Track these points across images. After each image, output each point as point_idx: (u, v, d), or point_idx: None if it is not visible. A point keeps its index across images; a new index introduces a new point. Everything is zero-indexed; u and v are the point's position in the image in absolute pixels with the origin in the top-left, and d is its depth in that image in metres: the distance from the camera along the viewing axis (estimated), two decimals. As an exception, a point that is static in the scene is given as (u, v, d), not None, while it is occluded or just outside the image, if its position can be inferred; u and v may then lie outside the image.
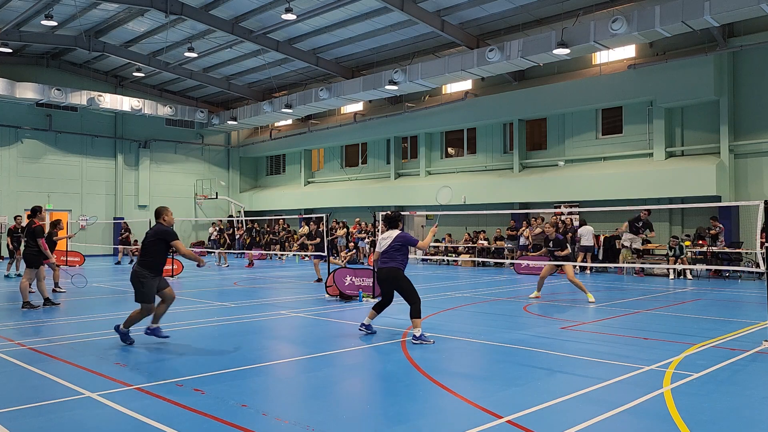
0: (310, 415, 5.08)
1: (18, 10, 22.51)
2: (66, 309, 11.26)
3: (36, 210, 11.90)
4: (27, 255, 11.59)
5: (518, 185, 23.99)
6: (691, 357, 7.10)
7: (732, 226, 19.35)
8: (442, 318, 10.28)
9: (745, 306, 11.86)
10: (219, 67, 29.99)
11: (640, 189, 20.52)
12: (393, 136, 29.46)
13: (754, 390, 5.74)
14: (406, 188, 27.90)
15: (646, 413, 5.06)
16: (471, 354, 7.60)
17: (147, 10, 22.95)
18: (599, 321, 9.97)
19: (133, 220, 31.68)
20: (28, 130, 29.76)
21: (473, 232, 25.01)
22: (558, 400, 5.36)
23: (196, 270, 21.66)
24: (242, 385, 5.92)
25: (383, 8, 21.51)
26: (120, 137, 32.70)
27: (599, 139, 23.14)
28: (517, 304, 12.11)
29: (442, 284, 16.49)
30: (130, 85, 32.74)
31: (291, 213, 33.02)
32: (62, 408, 5.18)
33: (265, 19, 23.71)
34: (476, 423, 4.75)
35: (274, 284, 16.93)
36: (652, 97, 21.08)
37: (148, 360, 6.96)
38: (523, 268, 20.06)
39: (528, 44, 20.20)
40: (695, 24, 17.14)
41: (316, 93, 27.34)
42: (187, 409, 5.11)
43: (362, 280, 13.00)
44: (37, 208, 11.96)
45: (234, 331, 9.16)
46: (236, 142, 37.49)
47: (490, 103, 25.42)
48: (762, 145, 19.34)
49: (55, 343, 8.02)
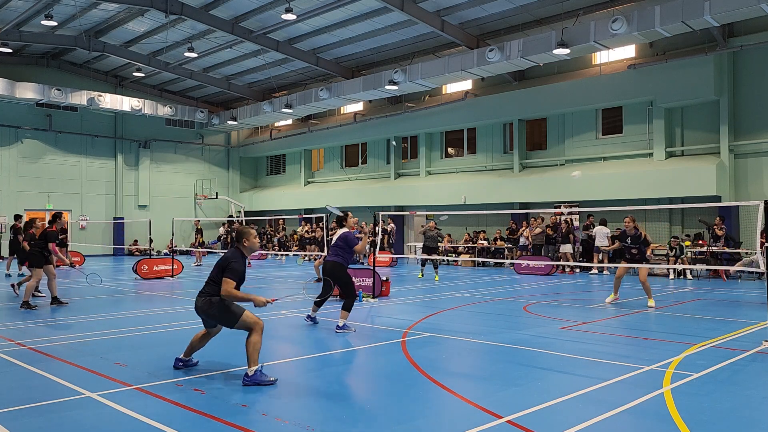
0: (310, 415, 5.07)
1: (18, 10, 22.51)
2: (66, 309, 11.26)
3: (56, 216, 12.32)
4: (30, 255, 11.75)
5: (518, 185, 23.99)
6: (691, 357, 7.10)
7: (732, 226, 19.34)
8: (442, 318, 10.28)
9: (745, 306, 11.85)
10: (219, 67, 29.99)
11: (640, 189, 20.51)
12: (393, 136, 29.46)
13: (754, 390, 5.74)
14: (406, 188, 27.90)
15: (646, 413, 5.06)
16: (471, 354, 7.60)
17: (147, 10, 22.95)
18: (599, 321, 9.96)
19: (132, 220, 31.72)
20: (28, 130, 29.77)
21: (473, 232, 25.01)
22: (558, 400, 5.36)
23: (196, 270, 21.69)
24: (242, 385, 5.92)
25: (383, 8, 21.51)
26: (120, 137, 32.70)
27: (599, 139, 23.14)
28: (517, 304, 12.11)
29: (441, 284, 16.49)
30: (130, 85, 32.75)
31: (291, 213, 33.02)
32: (62, 408, 5.17)
33: (265, 19, 23.71)
34: (476, 423, 4.74)
35: (274, 284, 16.92)
36: (652, 97, 21.08)
37: (148, 360, 6.96)
38: (523, 268, 20.05)
39: (528, 44, 20.20)
40: (695, 24, 17.14)
41: (316, 93, 27.34)
42: (187, 409, 5.11)
43: (362, 280, 13.00)
44: (57, 214, 12.46)
45: (234, 330, 9.13)
46: (236, 142, 37.50)
47: (490, 103, 25.43)
48: (762, 145, 19.34)
49: (55, 343, 8.01)
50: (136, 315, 10.68)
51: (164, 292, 14.46)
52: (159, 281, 16.98)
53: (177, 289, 15.04)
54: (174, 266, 18.32)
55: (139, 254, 30.25)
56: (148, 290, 14.77)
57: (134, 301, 13.04)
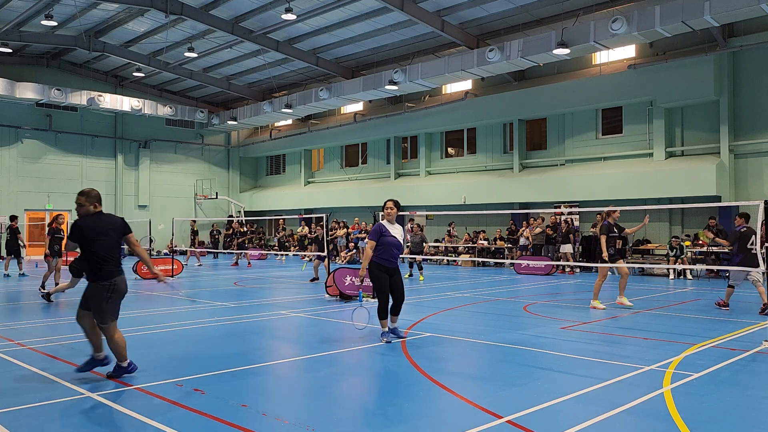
0: (310, 415, 5.07)
1: (18, 10, 22.51)
2: (66, 309, 11.26)
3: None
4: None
5: (518, 185, 23.99)
6: (691, 357, 7.10)
7: (732, 226, 19.31)
8: (442, 318, 10.27)
9: (745, 306, 11.85)
10: (219, 67, 29.99)
11: (640, 189, 20.51)
12: (393, 136, 29.46)
13: (754, 390, 5.74)
14: (406, 188, 27.89)
15: (646, 413, 5.06)
16: (471, 354, 7.60)
17: (147, 10, 22.96)
18: (599, 321, 9.96)
19: (132, 220, 31.66)
20: (28, 130, 29.77)
21: (473, 232, 25.01)
22: (558, 400, 5.35)
23: (195, 270, 21.69)
24: (242, 385, 5.92)
25: (383, 8, 21.52)
26: (120, 137, 32.70)
27: (599, 139, 23.14)
28: (517, 304, 12.11)
29: (442, 284, 16.49)
30: (130, 85, 32.75)
31: (291, 213, 33.02)
32: (62, 408, 5.18)
33: (265, 19, 23.72)
34: (476, 423, 4.74)
35: (274, 284, 16.93)
36: (652, 97, 21.08)
37: (148, 360, 6.95)
38: (523, 268, 20.05)
39: (528, 44, 20.20)
40: (695, 24, 17.14)
41: (316, 93, 27.34)
42: (187, 409, 5.11)
43: (362, 280, 12.97)
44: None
45: (234, 331, 9.16)
46: (236, 142, 37.50)
47: (490, 103, 25.42)
48: (762, 145, 19.34)
49: (55, 343, 8.01)
50: (136, 315, 10.69)
51: (164, 292, 14.45)
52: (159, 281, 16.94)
53: (177, 289, 15.04)
54: (174, 266, 18.32)
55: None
56: (148, 290, 14.77)
57: (134, 301, 13.03)
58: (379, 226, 8.21)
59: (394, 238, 8.05)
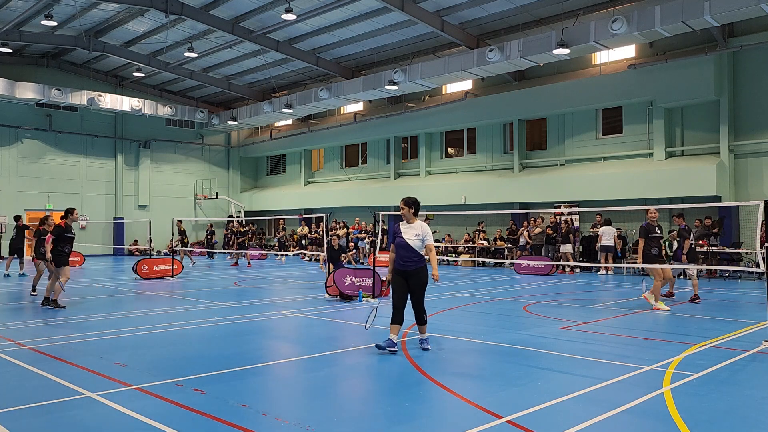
0: (310, 415, 5.07)
1: (18, 10, 22.50)
2: (66, 309, 11.25)
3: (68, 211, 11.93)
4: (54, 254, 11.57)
5: (518, 185, 23.99)
6: (691, 357, 7.10)
7: (732, 226, 19.35)
8: (442, 318, 10.27)
9: (745, 306, 11.85)
10: (219, 67, 29.98)
11: (640, 189, 20.51)
12: (393, 136, 29.46)
13: (754, 390, 5.74)
14: (406, 188, 27.86)
15: (646, 413, 5.06)
16: (471, 354, 7.59)
17: (147, 10, 22.95)
18: (599, 321, 9.96)
19: (133, 220, 31.72)
20: (28, 130, 29.76)
21: (473, 232, 25.01)
22: (558, 400, 5.36)
23: (195, 270, 21.69)
24: (242, 385, 5.92)
25: (383, 8, 21.51)
26: (120, 137, 32.70)
27: (599, 139, 23.14)
28: (517, 304, 12.11)
29: (442, 284, 16.48)
30: (130, 85, 32.74)
31: (291, 213, 33.01)
32: (62, 408, 5.17)
33: (265, 19, 23.71)
34: (476, 423, 4.75)
35: (274, 284, 16.93)
36: (652, 97, 21.08)
37: (148, 360, 6.96)
38: (523, 268, 20.04)
39: (528, 44, 20.19)
40: (695, 24, 17.14)
41: (316, 93, 27.34)
42: (187, 409, 5.11)
43: (362, 281, 13.00)
44: (69, 210, 11.98)
45: (234, 331, 9.16)
46: (236, 142, 37.49)
47: (490, 103, 25.42)
48: (762, 145, 19.34)
49: (55, 343, 8.01)
50: (136, 315, 10.68)
51: (164, 292, 14.46)
52: (159, 281, 16.97)
53: (177, 289, 15.04)
54: (174, 266, 18.32)
55: (138, 254, 30.24)
56: (148, 290, 14.77)
57: (134, 301, 13.04)
58: (395, 227, 7.88)
59: (401, 239, 7.59)
